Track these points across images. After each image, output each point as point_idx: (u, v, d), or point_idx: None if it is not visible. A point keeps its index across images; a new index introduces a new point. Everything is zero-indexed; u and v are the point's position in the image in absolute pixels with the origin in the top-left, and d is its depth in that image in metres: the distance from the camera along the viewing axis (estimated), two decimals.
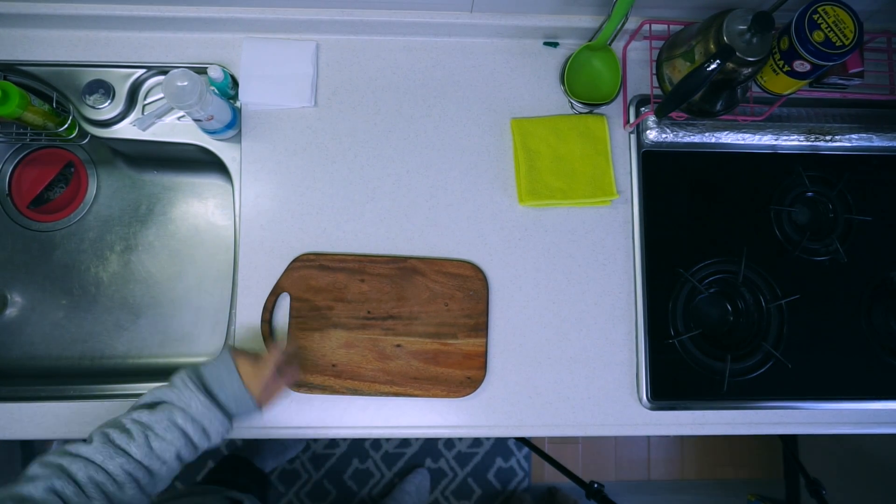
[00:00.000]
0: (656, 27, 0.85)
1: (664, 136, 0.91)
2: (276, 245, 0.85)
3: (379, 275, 0.84)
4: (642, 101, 0.90)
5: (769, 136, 0.93)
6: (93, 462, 0.58)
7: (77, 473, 0.56)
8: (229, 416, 0.67)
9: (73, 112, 0.87)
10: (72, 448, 0.59)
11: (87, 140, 0.91)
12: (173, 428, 0.62)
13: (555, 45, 0.91)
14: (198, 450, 0.65)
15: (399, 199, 0.87)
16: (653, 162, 0.91)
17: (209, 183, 1.04)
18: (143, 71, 0.87)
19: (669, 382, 0.86)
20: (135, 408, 0.65)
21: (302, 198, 0.86)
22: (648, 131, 0.91)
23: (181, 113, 0.87)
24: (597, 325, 0.86)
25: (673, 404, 0.86)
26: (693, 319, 0.90)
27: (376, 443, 1.72)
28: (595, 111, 0.88)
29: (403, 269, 0.84)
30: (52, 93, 0.87)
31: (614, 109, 0.90)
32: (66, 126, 0.87)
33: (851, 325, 0.91)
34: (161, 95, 0.88)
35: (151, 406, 0.64)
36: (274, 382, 0.72)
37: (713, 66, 0.68)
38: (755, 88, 0.86)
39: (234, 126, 0.86)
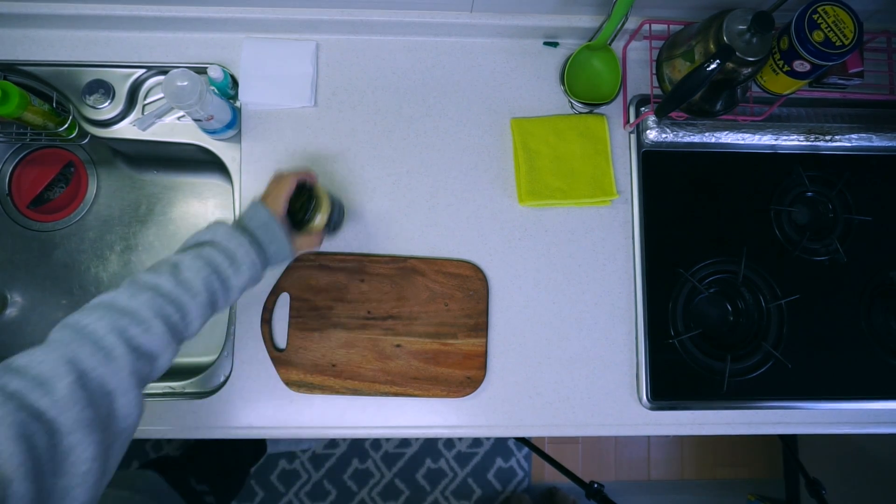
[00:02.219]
0: (656, 27, 0.85)
1: (664, 135, 0.91)
2: None
3: (379, 275, 0.84)
4: (642, 100, 0.90)
5: (769, 136, 0.93)
6: (114, 306, 0.53)
7: (97, 330, 0.50)
8: (258, 243, 0.65)
9: (73, 112, 0.87)
10: (95, 300, 0.54)
11: (87, 140, 0.91)
12: (199, 258, 0.60)
13: (555, 45, 0.91)
14: (228, 283, 0.61)
15: (399, 199, 0.87)
16: (653, 162, 0.91)
17: (209, 183, 1.04)
18: (143, 71, 0.87)
19: (669, 382, 0.86)
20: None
21: None
22: (648, 131, 0.91)
23: (181, 113, 0.87)
24: (597, 325, 0.86)
25: (673, 404, 0.86)
26: (693, 319, 0.90)
27: (376, 443, 1.72)
28: (595, 111, 0.88)
29: (403, 268, 0.84)
30: (52, 93, 0.87)
31: (614, 109, 0.90)
32: (66, 126, 0.87)
33: (851, 325, 0.91)
34: (161, 95, 0.88)
35: (183, 250, 0.63)
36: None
37: (713, 66, 0.68)
38: (755, 88, 0.86)
39: (234, 126, 0.86)
